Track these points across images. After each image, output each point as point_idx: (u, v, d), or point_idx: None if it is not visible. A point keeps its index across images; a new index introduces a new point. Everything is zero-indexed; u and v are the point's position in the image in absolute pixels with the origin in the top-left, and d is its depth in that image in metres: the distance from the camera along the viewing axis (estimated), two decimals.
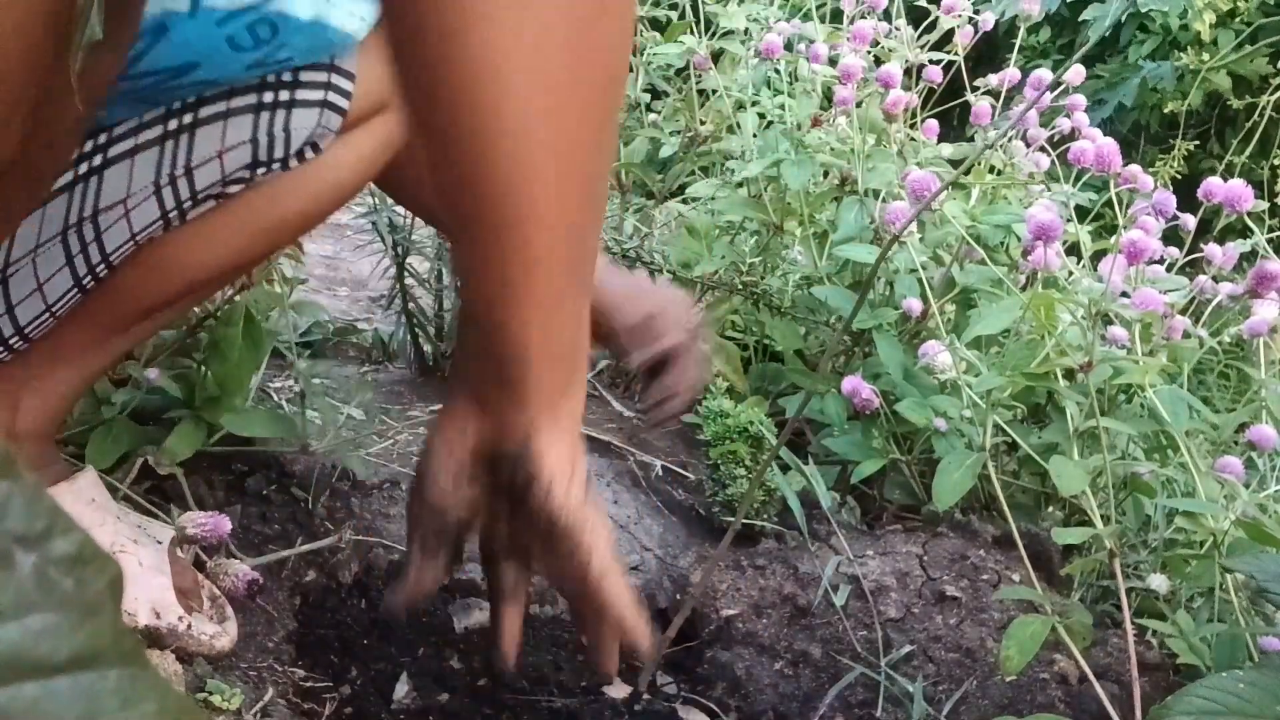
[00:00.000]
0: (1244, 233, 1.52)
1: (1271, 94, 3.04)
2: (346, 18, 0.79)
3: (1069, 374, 1.18)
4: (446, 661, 1.12)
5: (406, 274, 1.57)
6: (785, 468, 1.39)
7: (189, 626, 0.91)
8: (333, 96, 0.85)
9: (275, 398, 1.40)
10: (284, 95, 0.83)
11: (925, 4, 1.82)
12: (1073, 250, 1.51)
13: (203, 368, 1.15)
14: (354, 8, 0.80)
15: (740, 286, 1.65)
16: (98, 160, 0.81)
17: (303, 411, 1.22)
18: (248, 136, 0.84)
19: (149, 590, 0.91)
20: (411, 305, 1.59)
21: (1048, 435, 1.29)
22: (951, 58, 1.82)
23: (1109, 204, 1.31)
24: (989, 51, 2.95)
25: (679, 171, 1.94)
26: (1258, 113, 3.07)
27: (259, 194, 0.87)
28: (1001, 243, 1.55)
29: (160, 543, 0.95)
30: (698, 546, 1.37)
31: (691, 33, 1.85)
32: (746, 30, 1.81)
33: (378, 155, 0.92)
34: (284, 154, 0.85)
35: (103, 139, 0.81)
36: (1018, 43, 1.99)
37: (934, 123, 1.82)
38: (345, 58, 0.85)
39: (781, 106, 1.73)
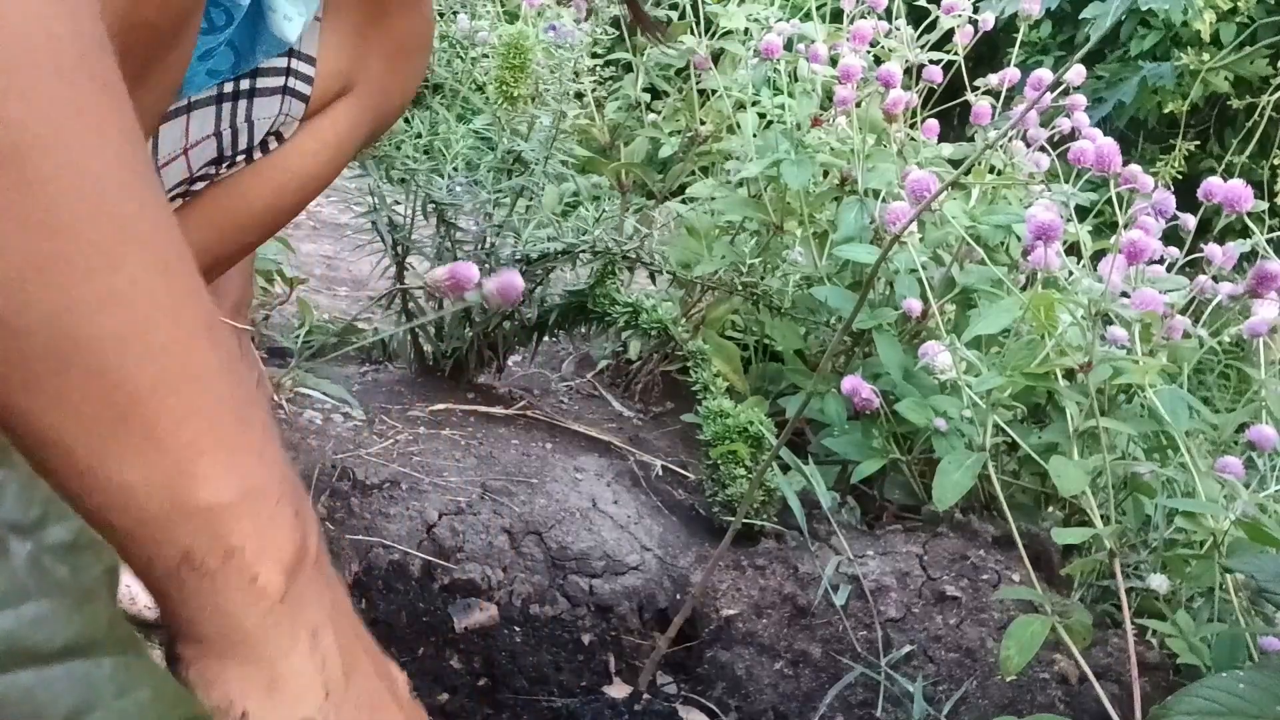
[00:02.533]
0: (1244, 233, 1.53)
1: (1271, 94, 3.04)
2: (283, 22, 0.76)
3: (1069, 374, 1.18)
4: (446, 661, 1.11)
5: (406, 274, 1.57)
6: (785, 468, 1.39)
7: None
8: (294, 82, 0.82)
9: (275, 397, 1.40)
10: (244, 84, 0.80)
11: (925, 4, 1.82)
12: (1073, 250, 1.51)
13: None
14: (288, 10, 0.76)
15: (740, 286, 1.65)
16: None
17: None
18: (211, 130, 0.80)
19: None
20: (411, 305, 1.59)
21: (1048, 435, 1.29)
22: (951, 58, 1.82)
23: (1109, 202, 1.32)
24: (989, 51, 2.95)
25: (679, 171, 1.94)
26: (1258, 113, 3.08)
27: (225, 190, 0.84)
28: (1001, 243, 1.55)
29: None
30: (698, 546, 1.37)
31: (691, 33, 1.85)
32: (746, 30, 1.81)
33: (344, 142, 0.88)
34: (248, 145, 0.82)
35: None
36: (1019, 38, 1.99)
37: (934, 123, 1.83)
38: (305, 41, 0.82)
39: (781, 106, 1.73)
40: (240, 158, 0.84)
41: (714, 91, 1.85)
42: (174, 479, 0.42)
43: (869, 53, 1.72)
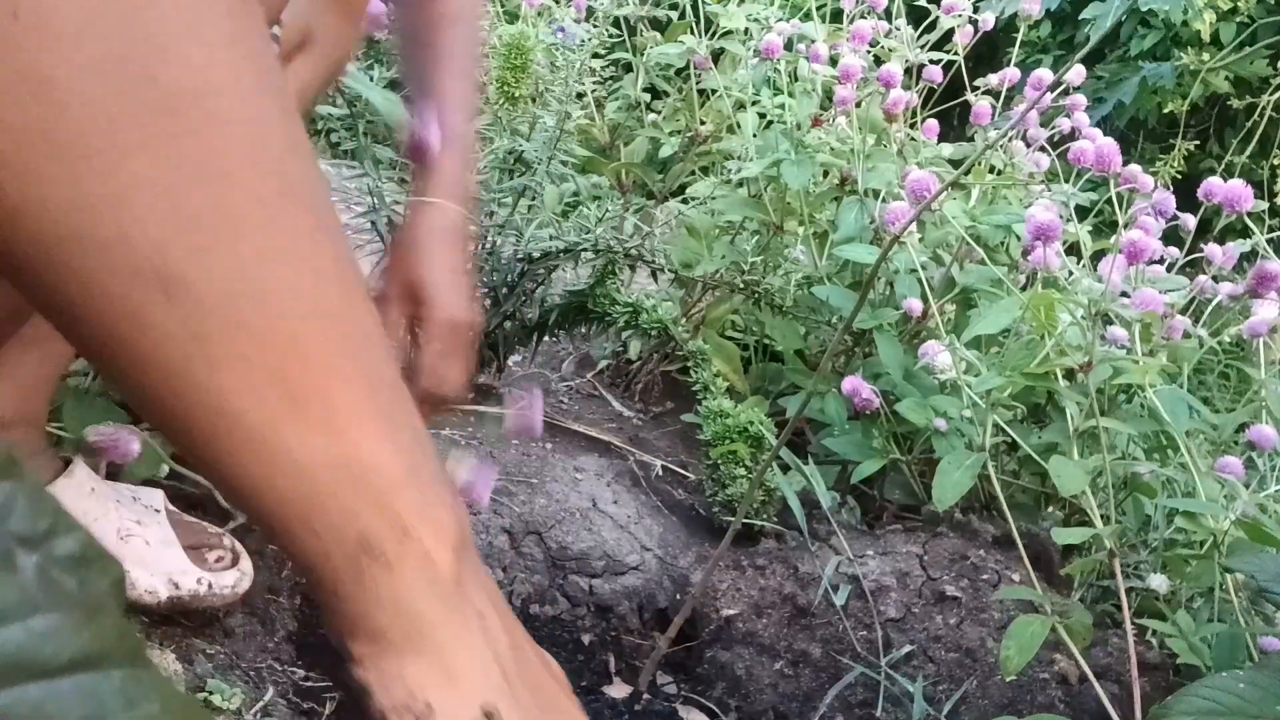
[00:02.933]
0: (1244, 233, 1.52)
1: (1271, 94, 3.04)
2: None
3: (1069, 374, 1.18)
4: None
5: None
6: (785, 467, 1.39)
7: (209, 586, 0.94)
8: None
9: None
10: None
11: (925, 4, 1.82)
12: (1073, 250, 1.51)
13: None
14: None
15: (741, 286, 1.65)
16: None
17: None
18: None
19: (163, 564, 0.93)
20: None
21: (1048, 435, 1.29)
22: (951, 58, 1.82)
23: (1109, 202, 1.32)
24: (989, 51, 2.95)
25: (679, 171, 1.94)
26: (1258, 113, 3.08)
27: None
28: (1001, 243, 1.55)
29: (159, 510, 0.97)
30: (698, 546, 1.37)
31: (691, 33, 1.85)
32: (746, 30, 1.82)
33: (305, 94, 0.92)
34: None
35: None
36: (1019, 38, 1.99)
37: (934, 123, 1.83)
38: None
39: (781, 106, 1.73)
40: None
41: (714, 91, 1.85)
42: (349, 454, 0.40)
43: (869, 53, 1.72)
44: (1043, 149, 1.70)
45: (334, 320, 0.41)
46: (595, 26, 1.61)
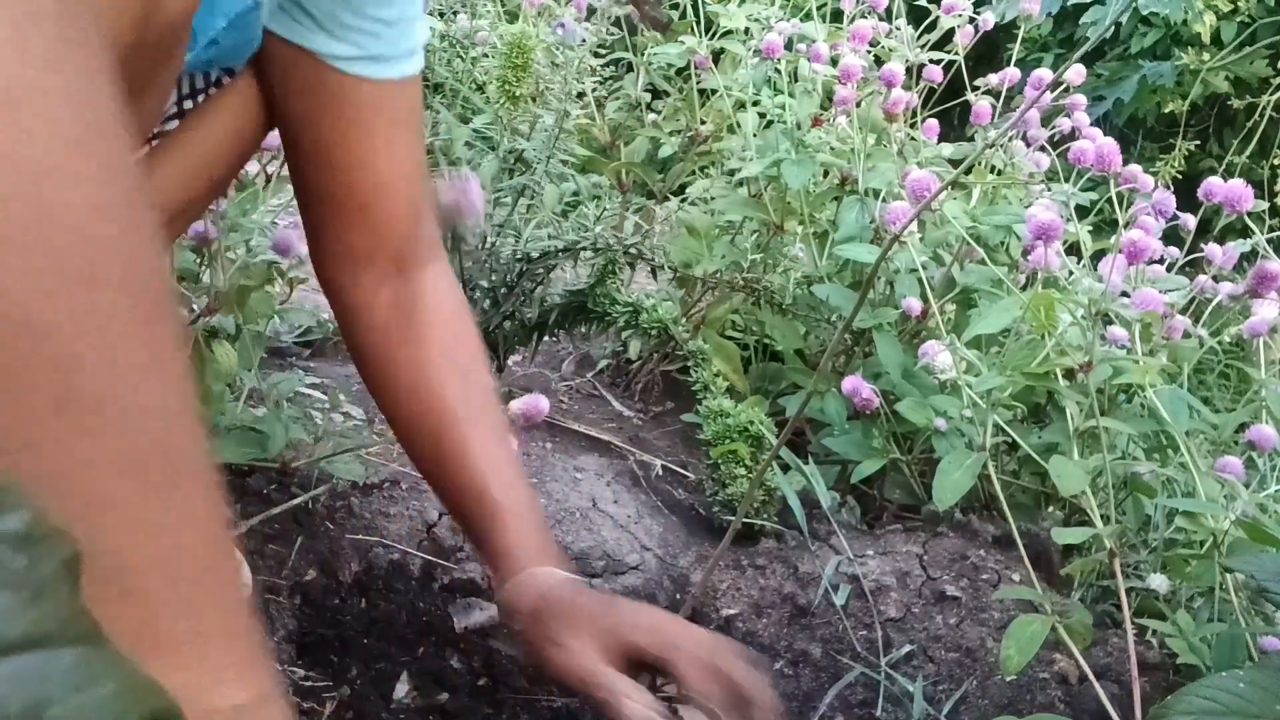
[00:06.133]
0: (1244, 233, 1.52)
1: (1271, 94, 3.04)
2: None
3: (1069, 374, 1.18)
4: (446, 661, 1.12)
5: None
6: (785, 467, 1.39)
7: None
8: None
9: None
10: None
11: (925, 4, 1.82)
12: (1073, 250, 1.51)
13: None
14: None
15: (741, 285, 1.65)
16: None
17: (282, 423, 1.20)
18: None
19: None
20: None
21: (1048, 435, 1.29)
22: (951, 57, 1.82)
23: (1109, 201, 1.32)
24: (989, 51, 2.95)
25: (679, 171, 1.94)
26: (1258, 113, 3.08)
27: (186, 133, 0.88)
28: (1001, 243, 1.55)
29: None
30: (698, 546, 1.37)
31: (691, 33, 1.85)
32: (746, 30, 1.81)
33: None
34: (205, 84, 0.87)
35: None
36: (1020, 35, 1.99)
37: (934, 123, 1.83)
38: None
39: (781, 106, 1.73)
40: (200, 96, 0.88)
41: (714, 91, 1.85)
42: (204, 692, 0.45)
43: (869, 53, 1.72)
44: (1043, 149, 1.70)
45: (201, 584, 0.46)
46: (596, 26, 1.61)
